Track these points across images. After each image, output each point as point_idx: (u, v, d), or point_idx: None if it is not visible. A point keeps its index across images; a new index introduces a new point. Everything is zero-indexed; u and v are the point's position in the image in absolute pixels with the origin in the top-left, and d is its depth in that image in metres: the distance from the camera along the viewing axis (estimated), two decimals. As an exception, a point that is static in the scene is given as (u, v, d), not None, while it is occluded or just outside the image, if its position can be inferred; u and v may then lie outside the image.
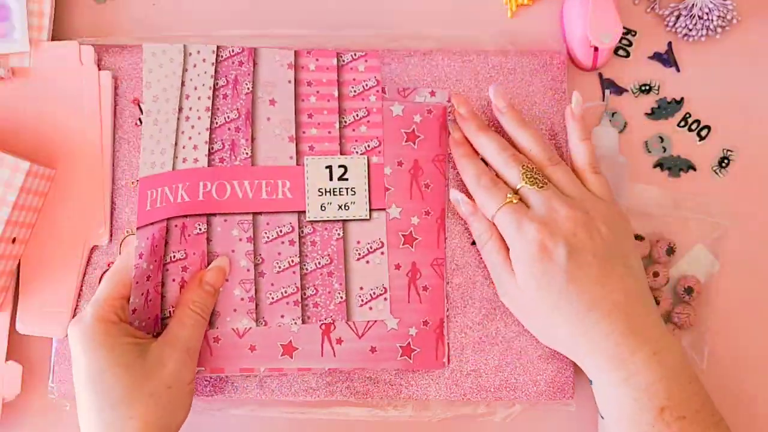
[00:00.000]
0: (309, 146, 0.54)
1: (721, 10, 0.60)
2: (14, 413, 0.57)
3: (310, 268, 0.54)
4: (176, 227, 0.52)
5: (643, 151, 0.60)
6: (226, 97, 0.53)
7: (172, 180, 0.52)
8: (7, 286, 0.55)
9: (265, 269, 0.54)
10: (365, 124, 0.55)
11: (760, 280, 0.59)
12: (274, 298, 0.54)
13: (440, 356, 0.55)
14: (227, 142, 0.53)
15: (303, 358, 0.54)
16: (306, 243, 0.54)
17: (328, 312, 0.54)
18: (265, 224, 0.54)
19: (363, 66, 0.55)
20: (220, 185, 0.53)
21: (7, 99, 0.57)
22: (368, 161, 0.54)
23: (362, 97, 0.55)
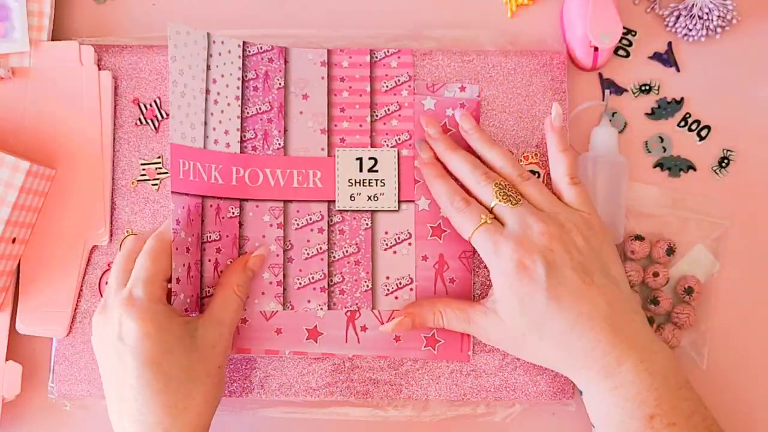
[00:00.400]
0: (340, 138, 0.56)
1: (721, 10, 0.60)
2: (14, 413, 0.57)
3: (338, 256, 0.56)
4: (211, 207, 0.54)
5: (643, 151, 0.60)
6: (257, 89, 0.55)
7: (204, 158, 0.53)
8: (7, 286, 0.55)
9: (293, 255, 0.55)
10: (396, 118, 0.57)
11: (760, 280, 0.59)
12: (302, 284, 0.55)
13: (465, 349, 0.56)
14: (260, 131, 0.55)
15: (327, 344, 0.55)
16: (334, 231, 0.56)
17: (354, 299, 0.55)
18: (296, 212, 0.56)
19: (396, 62, 0.57)
20: (252, 172, 0.55)
21: (7, 99, 0.57)
22: (398, 154, 0.56)
23: (394, 92, 0.57)
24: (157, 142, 0.58)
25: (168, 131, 0.58)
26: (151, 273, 0.49)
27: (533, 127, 0.58)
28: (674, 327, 0.57)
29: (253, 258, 0.54)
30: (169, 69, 0.51)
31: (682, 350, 0.57)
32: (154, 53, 0.58)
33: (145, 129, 0.58)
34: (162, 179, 0.58)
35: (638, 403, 0.47)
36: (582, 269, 0.49)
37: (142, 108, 0.58)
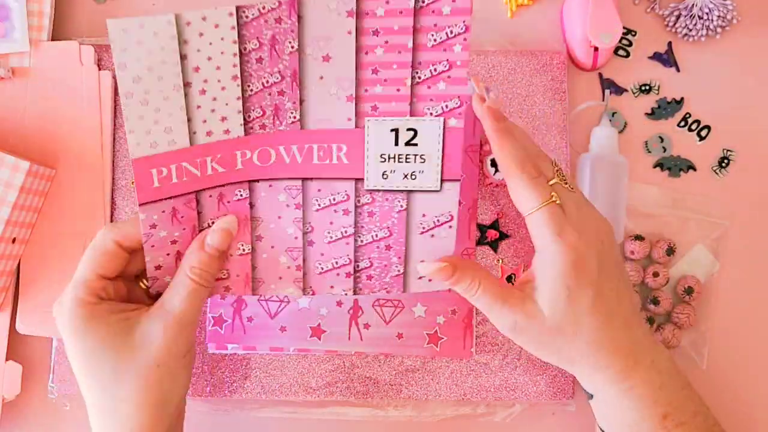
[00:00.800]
0: (372, 106, 0.46)
1: (721, 10, 0.60)
2: (14, 413, 0.57)
3: (366, 240, 0.49)
4: (210, 197, 0.47)
5: (643, 151, 0.60)
6: (260, 60, 0.45)
7: (194, 155, 0.46)
8: (7, 286, 0.55)
9: (314, 238, 0.49)
10: (445, 80, 0.45)
11: (760, 280, 0.59)
12: (324, 269, 0.49)
13: (468, 346, 0.56)
14: (268, 107, 0.46)
15: (330, 341, 0.55)
16: (363, 214, 0.48)
17: (383, 284, 0.50)
18: (317, 191, 0.48)
19: (448, 8, 0.44)
20: (262, 151, 0.47)
21: (7, 99, 0.57)
22: (444, 124, 0.46)
23: (444, 47, 0.44)
24: (157, 142, 0.58)
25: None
26: (81, 276, 0.45)
27: (533, 127, 0.58)
28: (674, 327, 0.57)
29: (213, 233, 0.46)
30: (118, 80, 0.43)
31: (682, 350, 0.57)
32: (154, 53, 0.58)
33: (145, 129, 0.58)
34: (162, 179, 0.57)
35: (651, 402, 0.47)
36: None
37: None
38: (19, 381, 0.55)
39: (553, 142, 0.58)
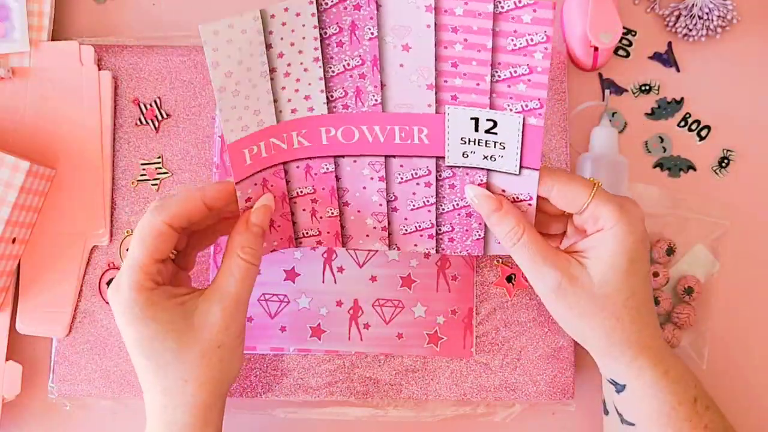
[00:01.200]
0: (451, 96, 0.47)
1: (721, 10, 0.60)
2: (14, 413, 0.57)
3: (447, 209, 0.51)
4: (298, 168, 0.49)
5: (643, 151, 0.60)
6: (341, 44, 0.47)
7: (281, 130, 0.48)
8: (7, 287, 0.55)
9: (398, 206, 0.51)
10: (525, 83, 0.46)
11: (760, 280, 0.59)
12: (408, 230, 0.52)
13: (468, 345, 0.56)
14: (350, 89, 0.48)
15: (330, 341, 0.56)
16: (444, 186, 0.50)
17: (464, 246, 0.52)
18: (399, 166, 0.49)
19: (529, 17, 0.44)
20: (346, 130, 0.48)
21: (7, 99, 0.57)
22: (524, 121, 0.46)
23: (524, 53, 0.45)
24: (157, 142, 0.58)
25: (168, 131, 0.58)
26: (137, 260, 0.46)
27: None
28: (674, 327, 0.57)
29: (255, 211, 0.48)
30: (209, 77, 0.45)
31: (682, 350, 0.57)
32: (154, 53, 0.58)
33: (145, 129, 0.58)
34: (162, 179, 0.58)
35: (684, 386, 0.47)
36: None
37: (142, 108, 0.58)
38: (19, 381, 0.55)
39: (553, 142, 0.58)
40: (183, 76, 0.58)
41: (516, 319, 0.56)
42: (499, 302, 0.57)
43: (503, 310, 0.57)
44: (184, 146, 0.58)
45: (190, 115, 0.58)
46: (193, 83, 0.58)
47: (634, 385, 0.48)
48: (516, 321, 0.56)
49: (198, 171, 0.58)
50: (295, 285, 0.56)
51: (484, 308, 0.57)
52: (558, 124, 0.58)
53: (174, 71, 0.58)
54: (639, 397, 0.48)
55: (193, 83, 0.58)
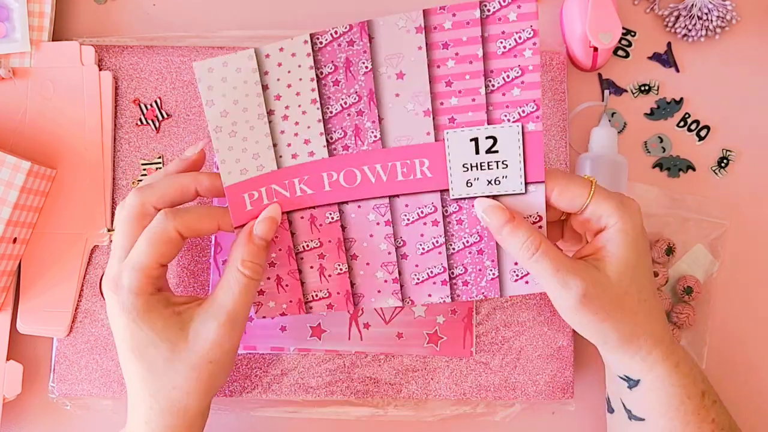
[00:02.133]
0: (449, 118, 0.47)
1: (721, 11, 0.60)
2: (15, 413, 0.57)
3: (458, 247, 0.49)
4: (302, 218, 0.49)
5: (643, 151, 0.60)
6: (337, 83, 0.47)
7: (282, 177, 0.48)
8: (8, 286, 0.56)
9: (407, 251, 0.50)
10: (518, 86, 0.46)
11: (760, 280, 0.59)
12: (420, 279, 0.50)
13: (468, 345, 0.56)
14: (349, 128, 0.47)
15: (331, 341, 0.56)
16: (451, 222, 0.49)
17: (480, 289, 0.50)
18: (404, 206, 0.49)
19: (514, 14, 0.45)
20: (348, 172, 0.48)
21: (8, 99, 0.57)
22: (522, 129, 0.47)
23: (514, 53, 0.45)
24: (158, 142, 0.58)
25: (169, 131, 0.58)
26: (140, 262, 0.45)
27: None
28: (674, 327, 0.57)
29: (260, 223, 0.47)
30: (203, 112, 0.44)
31: (682, 350, 0.58)
32: (154, 53, 0.58)
33: (145, 129, 0.58)
34: (162, 179, 0.58)
35: (692, 379, 0.48)
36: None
37: (143, 108, 0.58)
38: (19, 381, 0.55)
39: (553, 142, 0.58)
40: (184, 77, 0.58)
41: (516, 318, 0.57)
42: (499, 302, 0.57)
43: (503, 310, 0.57)
44: (185, 146, 0.58)
45: (191, 116, 0.58)
46: (194, 83, 0.58)
47: (647, 379, 0.48)
48: (516, 321, 0.57)
49: (198, 171, 0.58)
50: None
51: (484, 308, 0.57)
52: (557, 124, 0.59)
53: (175, 71, 0.58)
54: (651, 391, 0.48)
55: (194, 83, 0.58)
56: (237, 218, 0.47)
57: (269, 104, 0.46)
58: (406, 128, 0.47)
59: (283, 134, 0.47)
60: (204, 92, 0.44)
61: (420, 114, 0.47)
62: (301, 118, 0.47)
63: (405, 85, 0.47)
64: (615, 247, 0.46)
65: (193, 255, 0.57)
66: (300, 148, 0.47)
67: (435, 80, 0.46)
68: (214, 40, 0.59)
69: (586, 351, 0.58)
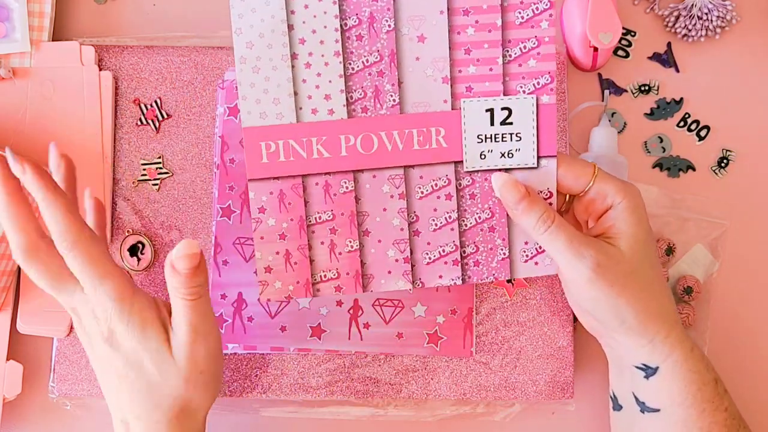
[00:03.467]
0: (466, 87, 0.48)
1: (721, 11, 0.60)
2: (15, 413, 0.57)
3: (470, 223, 0.50)
4: (317, 185, 0.48)
5: (643, 151, 0.60)
6: (360, 38, 0.46)
7: (300, 133, 0.47)
8: (8, 287, 0.56)
9: (420, 227, 0.50)
10: (534, 57, 0.47)
11: (760, 280, 0.59)
12: (431, 258, 0.50)
13: (468, 345, 0.56)
14: (369, 88, 0.47)
15: (330, 341, 0.56)
16: (464, 196, 0.49)
17: (491, 270, 0.50)
18: (419, 178, 0.49)
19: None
20: (365, 138, 0.48)
21: (8, 99, 0.57)
22: (537, 101, 0.48)
23: (531, 24, 0.47)
24: (158, 142, 0.58)
25: (169, 131, 0.58)
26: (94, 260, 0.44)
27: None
28: (673, 327, 0.57)
29: (177, 260, 0.43)
30: (232, 45, 0.45)
31: (682, 350, 0.58)
32: (154, 53, 0.58)
33: (145, 129, 0.58)
34: (162, 179, 0.58)
35: (706, 365, 0.48)
36: None
37: (143, 108, 0.58)
38: (19, 381, 0.55)
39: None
40: (184, 77, 0.58)
41: (516, 318, 0.57)
42: (498, 302, 0.57)
43: (503, 310, 0.57)
44: (185, 146, 0.58)
45: (191, 116, 0.58)
46: (194, 83, 0.58)
47: (666, 365, 0.48)
48: (516, 321, 0.57)
49: (198, 171, 0.58)
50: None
51: (484, 308, 0.57)
52: (557, 124, 0.58)
53: (175, 71, 0.58)
54: (668, 379, 0.48)
55: (194, 83, 0.58)
56: (252, 169, 0.46)
57: (293, 46, 0.46)
58: (425, 94, 0.47)
59: (304, 84, 0.47)
60: (234, 20, 0.45)
61: (438, 80, 0.47)
62: (323, 70, 0.47)
63: (425, 48, 0.47)
64: (624, 224, 0.47)
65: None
66: (320, 103, 0.47)
67: (455, 47, 0.47)
68: (214, 40, 0.59)
69: (586, 351, 0.58)
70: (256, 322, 0.56)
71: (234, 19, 0.44)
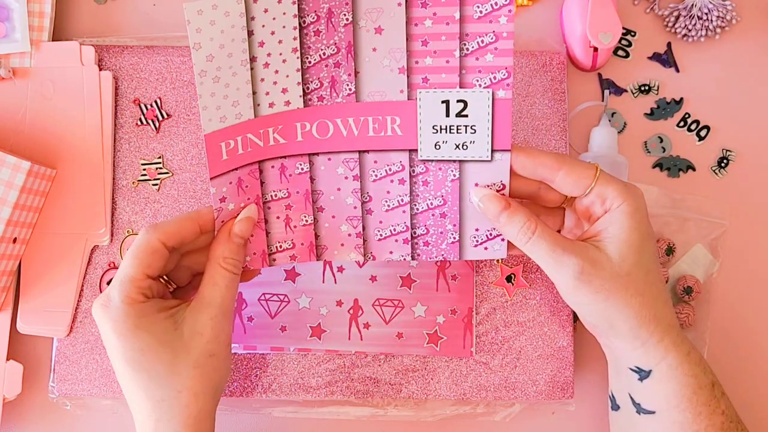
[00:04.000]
0: (422, 78, 0.48)
1: (721, 11, 0.60)
2: (15, 413, 0.57)
3: (422, 208, 0.51)
4: (273, 168, 0.49)
5: (643, 151, 0.60)
6: (318, 33, 0.47)
7: (258, 126, 0.48)
8: (8, 286, 0.56)
9: (372, 207, 0.51)
10: (492, 52, 0.47)
11: (760, 280, 0.59)
12: (383, 236, 0.51)
13: (468, 345, 0.56)
14: (325, 79, 0.48)
15: (330, 341, 0.56)
16: (417, 183, 0.50)
17: (440, 251, 0.51)
18: (373, 162, 0.50)
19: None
20: (321, 124, 0.49)
21: (8, 99, 0.57)
22: (492, 96, 0.48)
23: (490, 19, 0.46)
24: (158, 142, 0.58)
25: (169, 131, 0.58)
26: (129, 273, 0.46)
27: (533, 127, 0.58)
28: (673, 327, 0.57)
29: (238, 223, 0.48)
30: (192, 60, 0.45)
31: (682, 350, 0.58)
32: (154, 53, 0.58)
33: (145, 129, 0.58)
34: (162, 179, 0.58)
35: (703, 369, 0.48)
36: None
37: (143, 108, 0.58)
38: (19, 381, 0.55)
39: (553, 142, 0.58)
40: (183, 77, 0.58)
41: (516, 318, 0.57)
42: (498, 302, 0.57)
43: (503, 310, 0.57)
44: (185, 146, 0.58)
45: (191, 116, 0.58)
46: (194, 83, 0.58)
47: (659, 368, 0.47)
48: (516, 321, 0.57)
49: (198, 171, 0.58)
50: (295, 285, 0.56)
51: (484, 308, 0.57)
52: (557, 124, 0.59)
53: (174, 71, 0.58)
54: (662, 382, 0.47)
55: (194, 83, 0.58)
56: (213, 168, 0.47)
57: (252, 50, 0.47)
58: (381, 84, 0.48)
59: (262, 82, 0.47)
60: (192, 35, 0.44)
61: (395, 71, 0.48)
62: (281, 67, 0.47)
63: (382, 40, 0.47)
64: (618, 228, 0.47)
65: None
66: (277, 96, 0.48)
67: (412, 38, 0.47)
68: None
69: (586, 351, 0.58)
70: (256, 322, 0.56)
71: (191, 34, 0.44)
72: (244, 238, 0.48)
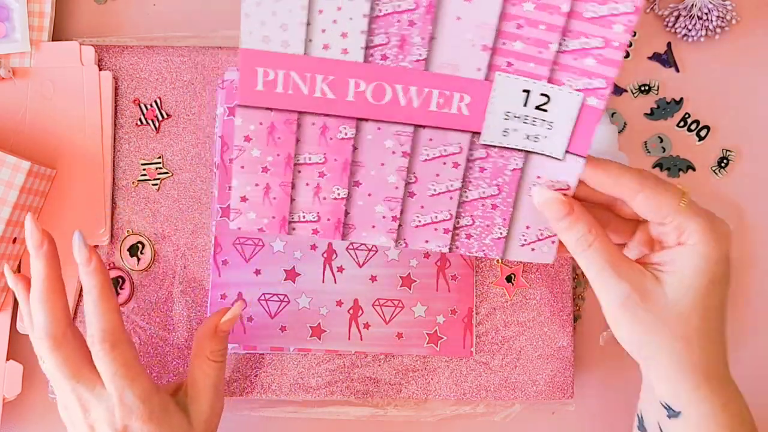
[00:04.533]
0: (507, 61, 0.42)
1: (721, 11, 0.60)
2: (15, 413, 0.57)
3: (472, 196, 0.46)
4: (313, 125, 0.44)
5: (643, 151, 0.60)
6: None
7: (305, 67, 0.42)
8: (8, 287, 0.56)
9: (416, 190, 0.46)
10: (596, 57, 0.41)
11: (760, 280, 0.59)
12: (421, 222, 0.47)
13: (468, 345, 0.56)
14: (394, 36, 0.42)
15: (330, 341, 0.56)
16: (473, 168, 0.45)
17: (482, 246, 0.47)
18: (428, 140, 0.44)
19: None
20: (378, 87, 0.43)
21: (8, 99, 0.57)
22: (583, 101, 0.42)
23: (603, 23, 0.40)
24: (158, 142, 0.58)
25: (169, 131, 0.58)
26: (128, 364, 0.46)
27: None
28: (674, 327, 0.57)
29: (225, 322, 0.50)
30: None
31: (682, 350, 0.58)
32: (154, 53, 0.58)
33: (145, 129, 0.58)
34: (162, 179, 0.58)
35: (740, 420, 0.44)
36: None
37: (143, 108, 0.58)
38: (19, 381, 0.55)
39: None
40: (183, 77, 0.58)
41: (515, 318, 0.57)
42: (498, 302, 0.57)
43: (503, 310, 0.57)
44: (185, 146, 0.58)
45: (191, 116, 0.58)
46: (194, 83, 0.58)
47: (689, 414, 0.44)
48: (515, 321, 0.57)
49: (198, 171, 0.58)
50: (295, 285, 0.56)
51: (484, 308, 0.57)
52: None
53: (174, 71, 0.58)
54: (692, 427, 0.44)
55: (194, 83, 0.58)
56: (245, 94, 0.42)
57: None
58: (457, 56, 0.42)
59: (320, 15, 0.41)
60: None
61: (477, 46, 0.42)
62: (346, 5, 0.41)
63: (471, 10, 0.41)
64: (686, 266, 0.43)
65: (194, 255, 0.57)
66: (335, 39, 0.42)
67: (505, 17, 0.41)
68: (214, 40, 0.59)
69: (586, 351, 0.58)
70: (256, 322, 0.56)
71: None
72: (228, 332, 0.51)
